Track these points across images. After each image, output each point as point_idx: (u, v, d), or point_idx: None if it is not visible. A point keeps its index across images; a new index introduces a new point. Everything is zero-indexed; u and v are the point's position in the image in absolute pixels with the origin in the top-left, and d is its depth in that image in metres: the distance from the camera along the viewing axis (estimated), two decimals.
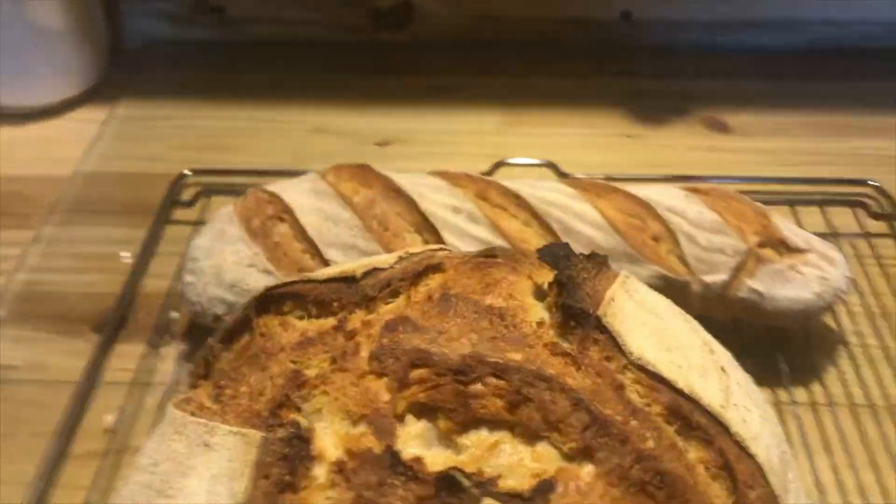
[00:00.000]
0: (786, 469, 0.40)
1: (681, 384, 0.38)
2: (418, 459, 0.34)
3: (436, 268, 0.44)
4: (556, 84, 1.00)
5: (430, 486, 0.32)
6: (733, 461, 0.36)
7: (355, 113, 0.95)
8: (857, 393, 0.64)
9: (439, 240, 0.62)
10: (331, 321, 0.41)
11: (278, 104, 0.97)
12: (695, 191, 0.67)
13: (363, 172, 0.67)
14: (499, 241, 0.62)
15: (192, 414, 0.38)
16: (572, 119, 0.95)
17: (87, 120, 0.96)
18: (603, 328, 0.39)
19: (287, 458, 0.34)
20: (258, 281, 0.63)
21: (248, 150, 0.91)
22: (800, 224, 0.73)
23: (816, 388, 0.64)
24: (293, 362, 0.39)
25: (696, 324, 0.47)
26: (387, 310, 0.41)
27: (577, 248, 0.59)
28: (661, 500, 0.34)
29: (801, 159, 0.88)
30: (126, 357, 0.67)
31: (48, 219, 0.82)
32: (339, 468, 0.34)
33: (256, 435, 0.35)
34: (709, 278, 0.62)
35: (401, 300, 0.42)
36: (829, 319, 0.69)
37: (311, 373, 0.38)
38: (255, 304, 0.42)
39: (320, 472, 0.35)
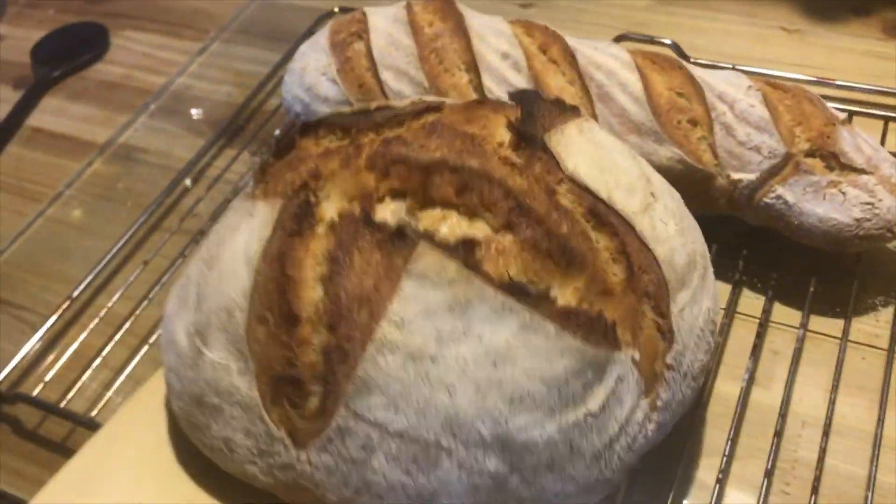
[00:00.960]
0: (691, 270, 0.47)
1: (602, 194, 0.46)
2: (385, 222, 0.45)
3: (436, 108, 0.52)
4: None
5: (386, 233, 0.43)
6: (632, 251, 0.44)
7: None
8: (877, 333, 0.58)
9: (480, 82, 0.64)
10: (348, 140, 0.51)
11: None
12: (772, 85, 0.61)
13: (446, 7, 0.70)
14: None
15: (249, 197, 0.50)
16: (731, 4, 0.88)
17: None
18: (547, 150, 0.47)
19: (297, 216, 0.46)
20: (327, 88, 0.70)
21: None
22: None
23: (840, 321, 0.59)
24: (315, 164, 0.49)
25: (645, 165, 0.51)
26: (390, 133, 0.51)
27: (609, 113, 0.60)
28: (563, 266, 0.42)
29: None
30: (226, 159, 0.79)
31: (218, 35, 0.94)
32: (331, 227, 0.45)
33: (279, 202, 0.47)
34: (736, 175, 0.58)
35: (403, 128, 0.51)
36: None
37: (325, 170, 0.49)
38: (299, 130, 0.53)
39: (321, 229, 0.46)
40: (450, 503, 0.41)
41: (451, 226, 0.44)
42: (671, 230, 0.47)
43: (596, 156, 0.48)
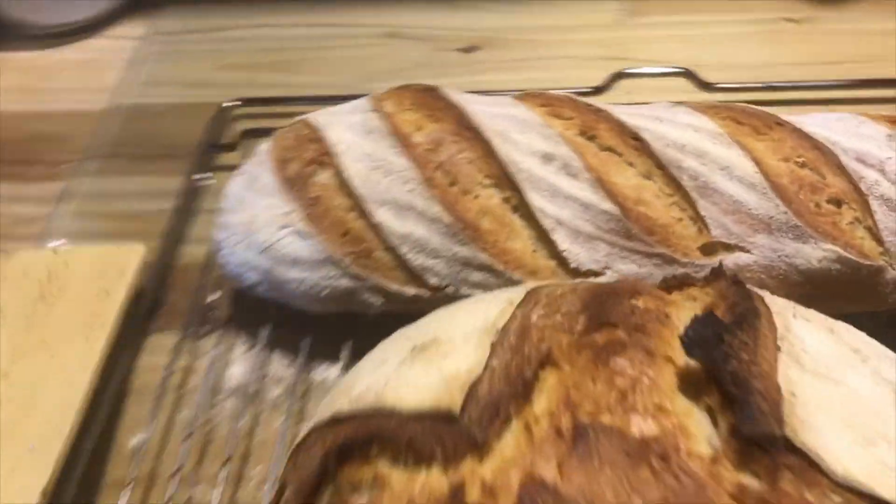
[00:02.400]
0: None
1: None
2: None
3: (545, 361, 0.33)
4: None
5: None
6: None
7: (438, 10, 0.77)
8: None
9: (522, 200, 0.46)
10: (439, 480, 0.31)
11: (347, 5, 0.80)
12: (884, 119, 0.47)
13: (430, 99, 0.51)
14: (606, 205, 0.45)
15: None
16: (714, 3, 0.73)
17: (126, 37, 0.82)
18: (794, 448, 0.29)
19: None
20: (295, 246, 0.49)
21: (308, 65, 0.76)
22: None
23: None
24: None
25: (866, 349, 0.35)
26: (506, 454, 0.31)
27: (718, 211, 0.43)
28: None
29: None
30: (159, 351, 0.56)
31: (79, 167, 0.70)
32: None
33: None
34: None
35: (518, 434, 0.31)
36: None
37: None
38: (336, 454, 0.33)
39: None
40: None
41: None
42: None
43: (844, 410, 0.31)
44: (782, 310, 0.34)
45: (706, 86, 0.62)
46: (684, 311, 0.35)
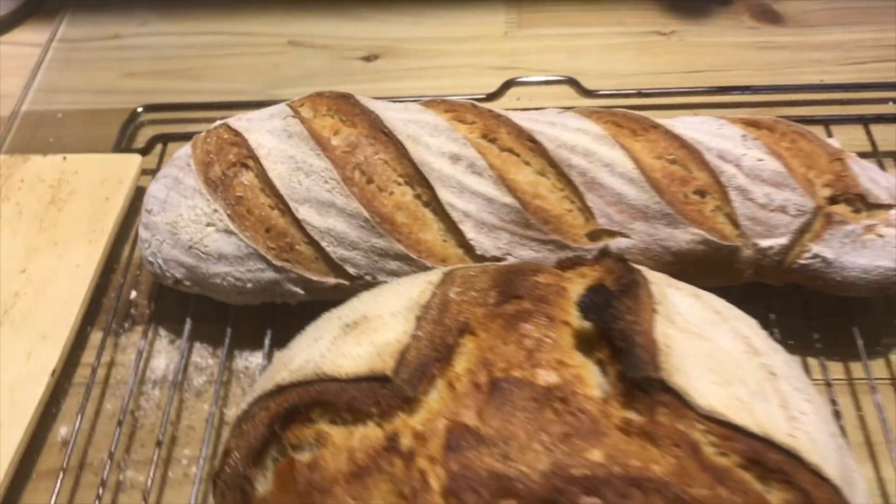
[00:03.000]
0: (842, 457, 0.38)
1: (752, 426, 0.35)
2: None
3: (463, 329, 0.38)
4: None
5: None
6: (812, 493, 0.35)
7: (338, 20, 0.82)
8: None
9: (434, 195, 0.51)
10: (375, 433, 0.36)
11: (249, 14, 0.83)
12: (754, 124, 0.54)
13: (345, 105, 0.55)
14: (507, 199, 0.51)
15: None
16: (594, 15, 0.81)
17: (26, 43, 0.83)
18: (667, 388, 0.35)
19: None
20: (220, 243, 0.53)
21: (210, 73, 0.78)
22: (875, 149, 0.61)
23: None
24: (353, 498, 0.34)
25: (728, 313, 0.41)
26: (433, 407, 0.36)
27: (603, 203, 0.49)
28: None
29: (870, 55, 0.74)
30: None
31: None
32: None
33: None
34: (765, 243, 0.51)
35: (442, 390, 0.36)
36: None
37: None
38: (280, 418, 0.37)
39: None
40: None
41: None
42: (812, 419, 0.37)
43: (708, 358, 0.37)
44: (658, 281, 0.41)
45: (588, 92, 0.69)
46: (578, 284, 0.41)
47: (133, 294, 0.61)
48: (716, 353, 0.38)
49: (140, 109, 0.73)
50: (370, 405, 0.36)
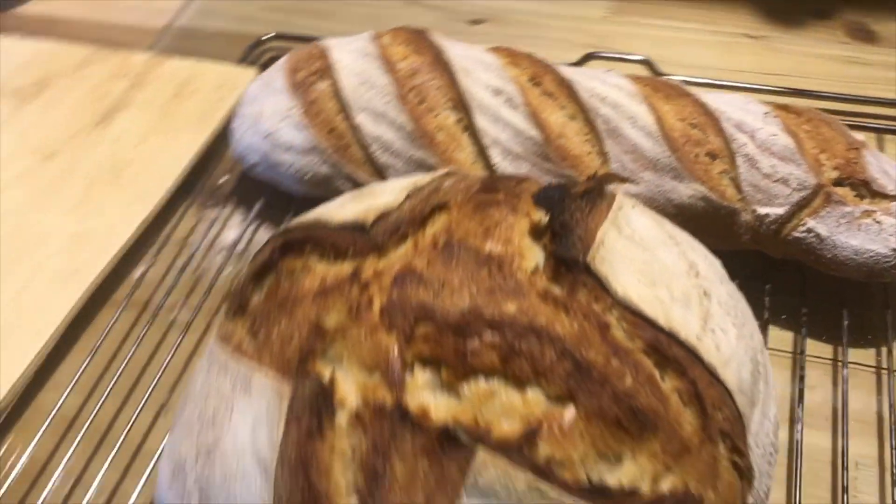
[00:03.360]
0: (756, 381, 0.42)
1: (661, 321, 0.40)
2: (424, 411, 0.37)
3: (441, 206, 0.45)
4: None
5: (432, 438, 0.36)
6: (703, 388, 0.39)
7: None
8: None
9: (471, 122, 0.58)
10: (346, 268, 0.43)
11: None
12: (784, 108, 0.58)
13: (419, 38, 0.63)
14: (534, 133, 0.57)
15: (235, 351, 0.42)
16: (689, 12, 0.85)
17: None
18: (591, 272, 0.40)
19: (314, 410, 0.38)
20: (291, 135, 0.62)
21: (338, 16, 0.89)
22: None
23: (874, 351, 0.56)
24: (317, 311, 0.41)
25: (686, 244, 0.46)
26: (397, 256, 0.43)
27: (620, 151, 0.54)
28: (635, 433, 0.37)
29: None
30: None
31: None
32: (357, 417, 0.38)
33: (288, 389, 0.39)
34: (763, 210, 0.54)
35: (408, 246, 0.43)
36: None
37: (330, 323, 0.41)
38: (280, 248, 0.45)
39: (342, 419, 0.38)
40: None
41: (502, 404, 0.37)
42: (732, 338, 0.41)
43: (643, 264, 0.42)
44: (627, 200, 0.46)
45: (659, 75, 0.74)
46: None
47: (223, 179, 0.72)
48: (652, 263, 0.42)
49: (267, 36, 0.83)
50: (348, 246, 0.43)
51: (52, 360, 0.60)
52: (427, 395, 0.38)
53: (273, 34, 0.83)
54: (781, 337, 0.58)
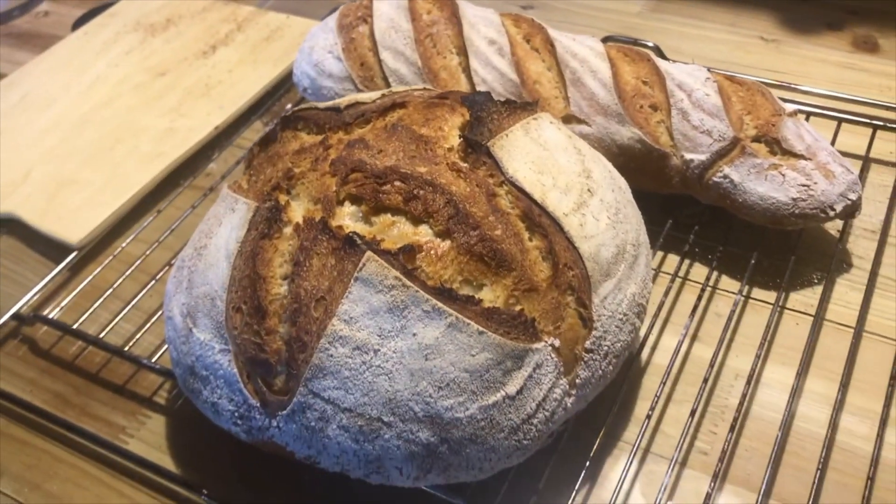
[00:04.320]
0: (617, 262, 0.53)
1: (536, 196, 0.52)
2: (340, 227, 0.51)
3: (401, 105, 0.58)
4: None
5: (339, 241, 0.49)
6: (559, 250, 0.50)
7: None
8: (809, 302, 0.64)
9: (468, 64, 0.71)
10: (320, 137, 0.58)
11: None
12: (729, 79, 0.68)
13: None
14: (513, 76, 0.70)
15: (234, 190, 0.58)
16: (716, 13, 0.95)
17: None
18: (491, 155, 0.53)
19: (268, 220, 0.53)
20: (332, 65, 0.77)
21: None
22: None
23: (776, 292, 0.65)
24: (291, 162, 0.57)
25: (591, 158, 0.57)
26: (357, 132, 0.58)
27: (580, 97, 0.66)
28: (493, 267, 0.49)
29: None
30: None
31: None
32: (296, 228, 0.52)
33: (254, 204, 0.55)
34: (689, 155, 0.65)
35: (368, 126, 0.58)
36: (833, 234, 0.69)
37: (297, 170, 0.56)
38: (280, 123, 0.61)
39: (288, 230, 0.53)
40: (392, 465, 0.48)
41: (398, 232, 0.50)
42: (602, 225, 0.52)
43: (538, 157, 0.54)
44: (546, 116, 0.58)
45: (665, 59, 0.84)
46: None
47: (288, 105, 0.89)
48: (546, 160, 0.54)
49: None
50: (324, 122, 0.58)
51: (132, 217, 0.79)
52: (349, 221, 0.52)
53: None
54: (698, 271, 0.67)
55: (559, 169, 0.54)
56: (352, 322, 0.47)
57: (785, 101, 0.75)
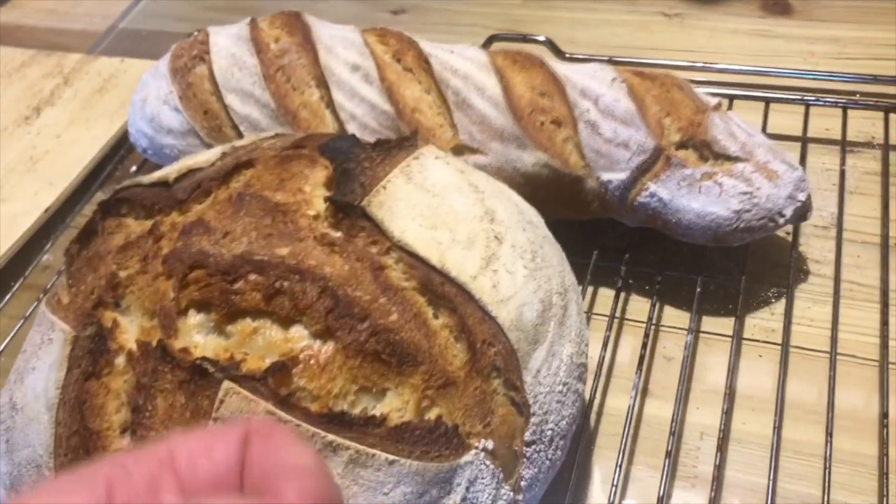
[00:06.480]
0: (545, 321, 0.42)
1: (434, 260, 0.41)
2: (185, 349, 0.39)
3: (248, 164, 0.46)
4: None
5: (187, 372, 0.38)
6: (473, 324, 0.40)
7: None
8: (770, 327, 0.54)
9: (332, 97, 0.59)
10: (149, 224, 0.45)
11: None
12: (638, 74, 0.58)
13: (293, 20, 0.65)
14: (387, 107, 0.58)
15: (52, 308, 0.44)
16: None
17: None
18: (368, 217, 0.41)
19: (91, 352, 0.41)
20: (170, 118, 0.64)
21: (266, 11, 0.90)
22: (807, 128, 0.64)
23: (731, 319, 0.55)
24: (115, 264, 0.44)
25: (490, 193, 0.46)
26: (195, 211, 0.44)
27: (468, 122, 0.55)
28: (395, 365, 0.38)
29: (864, 52, 0.73)
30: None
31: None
32: (130, 358, 0.40)
33: (71, 333, 0.42)
34: (606, 175, 0.54)
35: (207, 201, 0.45)
36: (783, 236, 0.59)
37: (124, 274, 0.43)
38: (100, 210, 0.47)
39: (120, 360, 0.40)
40: None
41: (263, 341, 0.39)
42: (519, 279, 0.42)
43: (428, 208, 0.43)
44: (430, 151, 0.47)
45: (561, 53, 0.74)
46: None
47: (133, 167, 0.75)
48: (439, 208, 0.43)
49: (195, 33, 0.86)
50: (153, 203, 0.45)
51: None
52: (198, 337, 0.40)
53: (198, 31, 0.86)
54: (637, 307, 0.57)
55: (456, 217, 0.43)
56: None
57: (701, 84, 0.66)
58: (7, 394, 0.44)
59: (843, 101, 0.65)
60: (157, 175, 0.48)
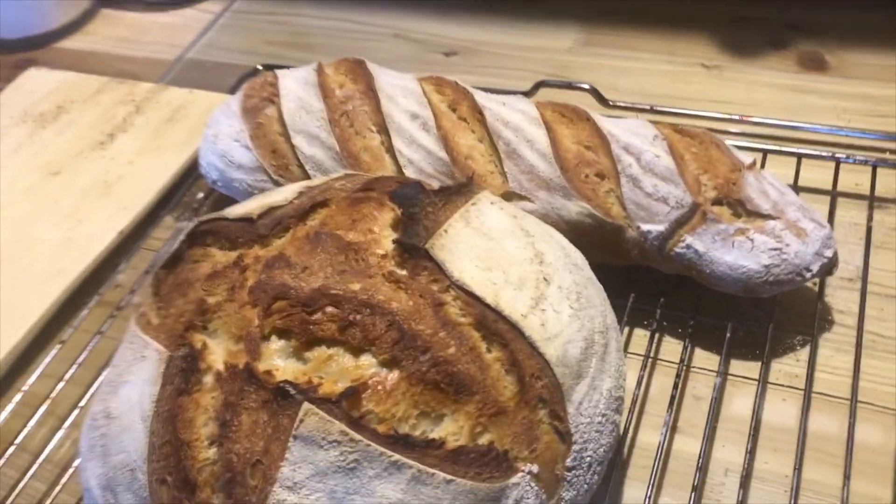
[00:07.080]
0: (587, 358, 0.47)
1: (489, 299, 0.45)
2: (269, 372, 0.44)
3: (322, 204, 0.51)
4: (644, 3, 0.93)
5: (270, 392, 0.43)
6: (522, 359, 0.44)
7: (433, 19, 0.96)
8: (794, 373, 0.58)
9: (391, 143, 0.64)
10: (234, 255, 0.50)
11: (368, 7, 1.01)
12: (678, 132, 0.62)
13: (357, 67, 0.70)
14: (442, 154, 0.62)
15: (143, 328, 0.50)
16: (651, 43, 0.89)
17: (208, 11, 1.07)
18: (430, 258, 0.46)
19: (183, 371, 0.46)
20: (240, 155, 0.69)
21: (327, 48, 0.97)
22: (834, 183, 0.67)
23: (758, 363, 0.58)
24: (204, 290, 0.49)
25: (541, 237, 0.50)
26: (275, 245, 0.50)
27: (518, 171, 0.60)
28: (452, 394, 0.43)
29: (893, 110, 0.76)
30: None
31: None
32: (218, 377, 0.45)
33: (165, 353, 0.47)
34: (646, 227, 0.58)
35: (287, 236, 0.50)
36: (810, 287, 0.63)
37: (212, 301, 0.48)
38: (187, 240, 0.53)
39: (209, 379, 0.45)
40: None
41: (337, 367, 0.44)
42: (564, 318, 0.46)
43: (484, 251, 0.47)
44: (486, 197, 0.51)
45: (605, 101, 0.78)
46: None
47: (200, 194, 0.80)
48: (494, 251, 0.48)
49: (259, 67, 0.92)
50: (238, 236, 0.51)
51: (34, 349, 0.69)
52: (278, 361, 0.45)
53: (263, 65, 0.91)
54: (670, 348, 0.61)
55: (509, 259, 0.48)
56: (297, 488, 0.41)
57: (736, 136, 0.70)
58: (101, 403, 0.49)
59: (874, 159, 0.68)
60: (240, 211, 0.53)
